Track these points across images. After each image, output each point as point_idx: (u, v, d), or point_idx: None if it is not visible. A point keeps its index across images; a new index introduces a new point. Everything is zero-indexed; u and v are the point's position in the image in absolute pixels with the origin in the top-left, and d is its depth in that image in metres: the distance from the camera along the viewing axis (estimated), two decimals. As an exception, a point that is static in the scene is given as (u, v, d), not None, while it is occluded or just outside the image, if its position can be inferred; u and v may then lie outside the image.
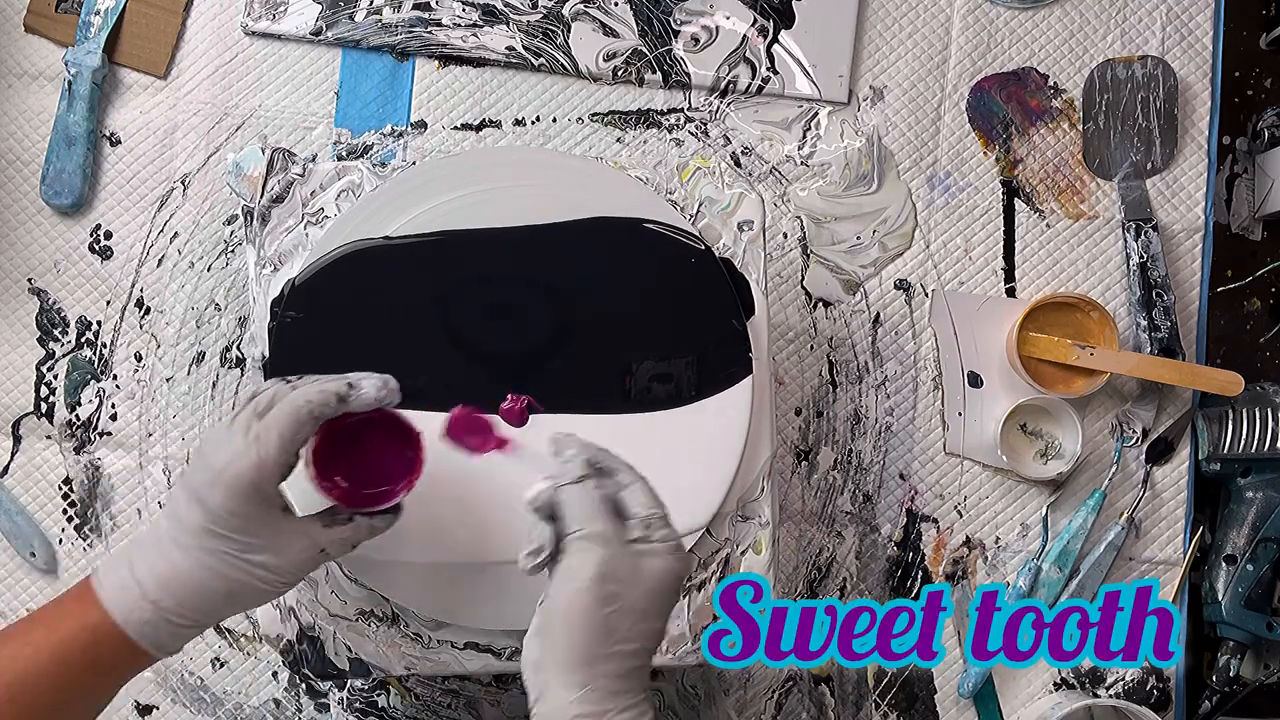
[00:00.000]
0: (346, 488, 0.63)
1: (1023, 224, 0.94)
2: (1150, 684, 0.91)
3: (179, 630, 0.59)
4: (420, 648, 0.76)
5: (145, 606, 0.57)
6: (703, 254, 0.75)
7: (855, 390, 0.93)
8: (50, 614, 0.59)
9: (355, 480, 0.64)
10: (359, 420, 0.62)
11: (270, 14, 0.92)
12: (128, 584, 0.58)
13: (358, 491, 0.63)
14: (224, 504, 0.57)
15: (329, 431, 0.62)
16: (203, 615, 0.59)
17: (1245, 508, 0.91)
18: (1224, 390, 0.89)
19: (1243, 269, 0.96)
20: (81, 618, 0.58)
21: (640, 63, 0.93)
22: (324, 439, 0.62)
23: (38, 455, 0.90)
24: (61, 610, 0.58)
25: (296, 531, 0.60)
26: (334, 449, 0.63)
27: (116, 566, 0.59)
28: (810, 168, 0.94)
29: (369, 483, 0.64)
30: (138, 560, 0.58)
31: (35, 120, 0.92)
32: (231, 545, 0.58)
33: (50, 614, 0.59)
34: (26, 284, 0.91)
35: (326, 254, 0.74)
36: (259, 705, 0.89)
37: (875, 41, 0.95)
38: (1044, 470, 0.91)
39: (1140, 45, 0.96)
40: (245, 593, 0.59)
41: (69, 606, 0.58)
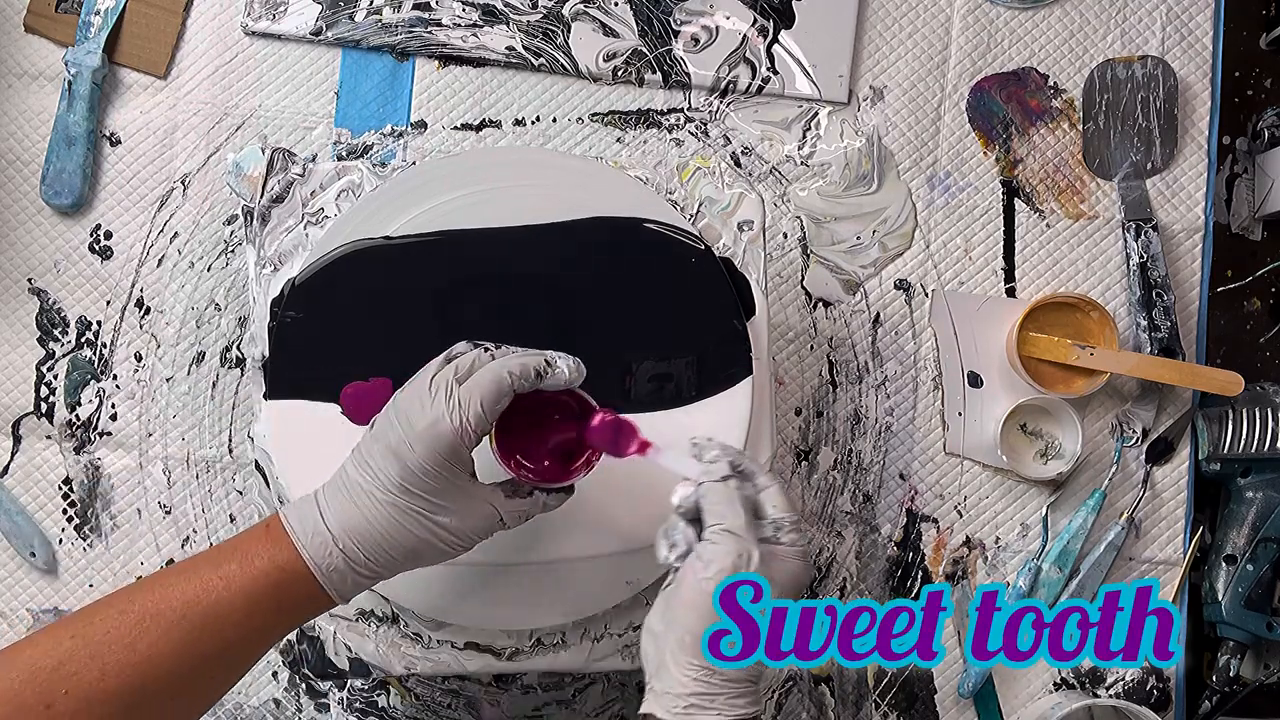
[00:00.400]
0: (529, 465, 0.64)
1: (1023, 224, 0.94)
2: (1150, 684, 0.91)
3: (360, 579, 0.60)
4: (420, 648, 0.76)
5: (336, 553, 0.59)
6: (703, 254, 0.75)
7: (855, 390, 0.93)
8: (242, 548, 0.59)
9: (534, 457, 0.64)
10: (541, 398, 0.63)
11: (270, 14, 0.92)
12: (320, 529, 0.59)
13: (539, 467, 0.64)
14: (422, 463, 0.58)
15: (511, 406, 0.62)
16: (384, 568, 0.60)
17: (1245, 508, 0.91)
18: (1224, 390, 0.89)
19: (1243, 269, 0.96)
20: (274, 556, 0.59)
21: (640, 63, 0.93)
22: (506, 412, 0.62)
23: (38, 455, 0.90)
24: (254, 546, 0.59)
25: (481, 498, 0.61)
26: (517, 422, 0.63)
27: (307, 511, 0.60)
28: (810, 168, 0.94)
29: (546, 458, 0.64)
30: (329, 508, 0.59)
31: (35, 120, 0.92)
32: (422, 504, 0.59)
33: (242, 548, 0.59)
34: (26, 284, 0.91)
35: (326, 254, 0.74)
36: (259, 705, 0.89)
37: (875, 41, 0.95)
38: (1044, 470, 0.91)
39: (1140, 45, 0.96)
40: (427, 551, 0.60)
41: (260, 545, 0.59)
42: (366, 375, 0.72)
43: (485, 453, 0.62)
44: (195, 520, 0.90)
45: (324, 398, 0.72)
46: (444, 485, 0.59)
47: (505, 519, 0.62)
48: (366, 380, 0.72)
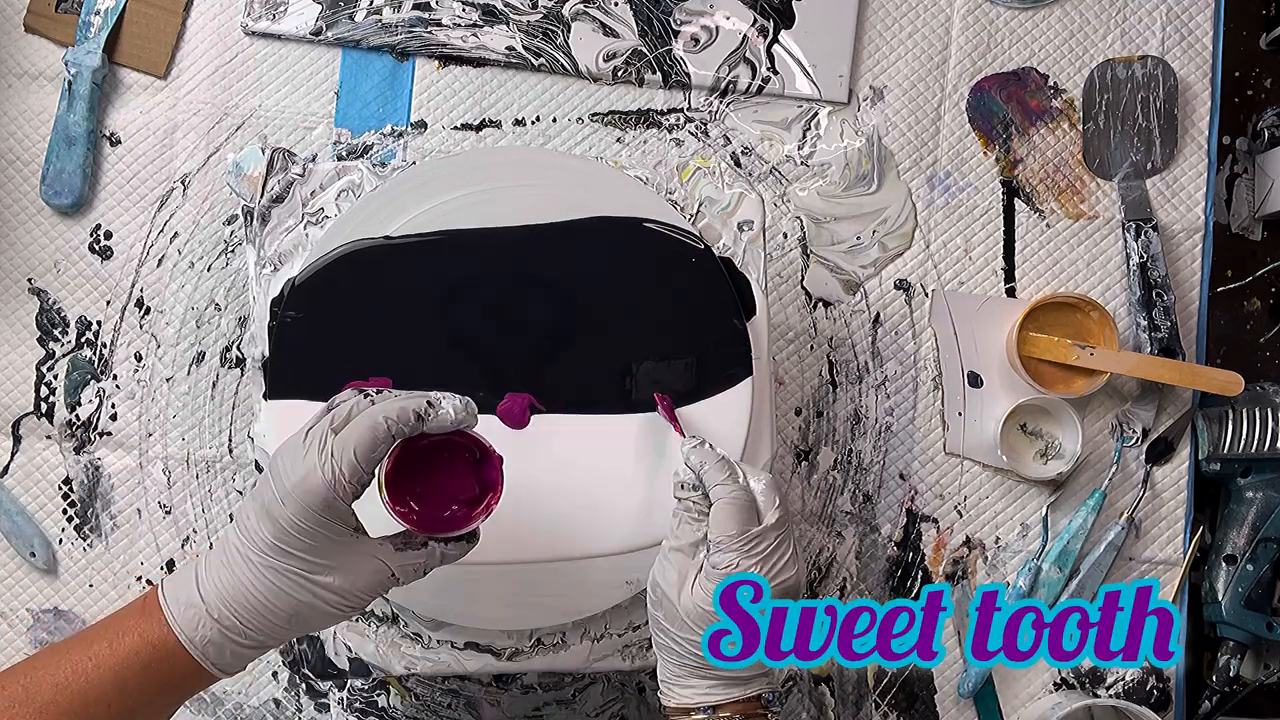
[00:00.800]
0: (420, 511, 0.61)
1: (1023, 224, 0.94)
2: (1150, 684, 0.91)
3: (241, 650, 0.57)
4: (420, 648, 0.76)
5: (209, 624, 0.56)
6: (703, 254, 0.75)
7: (855, 390, 0.93)
8: (113, 626, 0.57)
9: (429, 504, 0.61)
10: (432, 441, 0.60)
11: (270, 14, 0.92)
12: (193, 600, 0.56)
13: (431, 515, 0.61)
14: (295, 521, 0.55)
15: (402, 452, 0.59)
16: (266, 636, 0.57)
17: (1245, 508, 0.91)
18: (1224, 390, 0.89)
19: (1243, 269, 0.96)
20: (144, 632, 0.56)
21: (640, 63, 0.93)
22: (398, 460, 0.60)
23: (38, 455, 0.90)
24: (125, 623, 0.57)
25: (367, 554, 0.58)
26: (408, 470, 0.60)
27: (183, 580, 0.57)
28: (810, 168, 0.94)
29: (443, 506, 0.61)
30: (204, 575, 0.57)
31: (35, 120, 0.92)
32: (300, 564, 0.56)
33: (113, 626, 0.57)
34: (26, 284, 0.91)
35: (326, 254, 0.74)
36: (259, 705, 0.89)
37: (875, 41, 0.95)
38: (1044, 470, 0.91)
39: (1140, 45, 0.96)
40: (310, 614, 0.57)
41: (132, 620, 0.57)
42: (366, 375, 0.72)
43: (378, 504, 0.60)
44: (195, 520, 0.90)
45: (324, 398, 0.72)
46: (322, 543, 0.56)
47: (397, 574, 0.59)
48: (366, 379, 0.72)
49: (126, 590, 0.89)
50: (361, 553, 0.57)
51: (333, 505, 0.55)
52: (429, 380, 0.72)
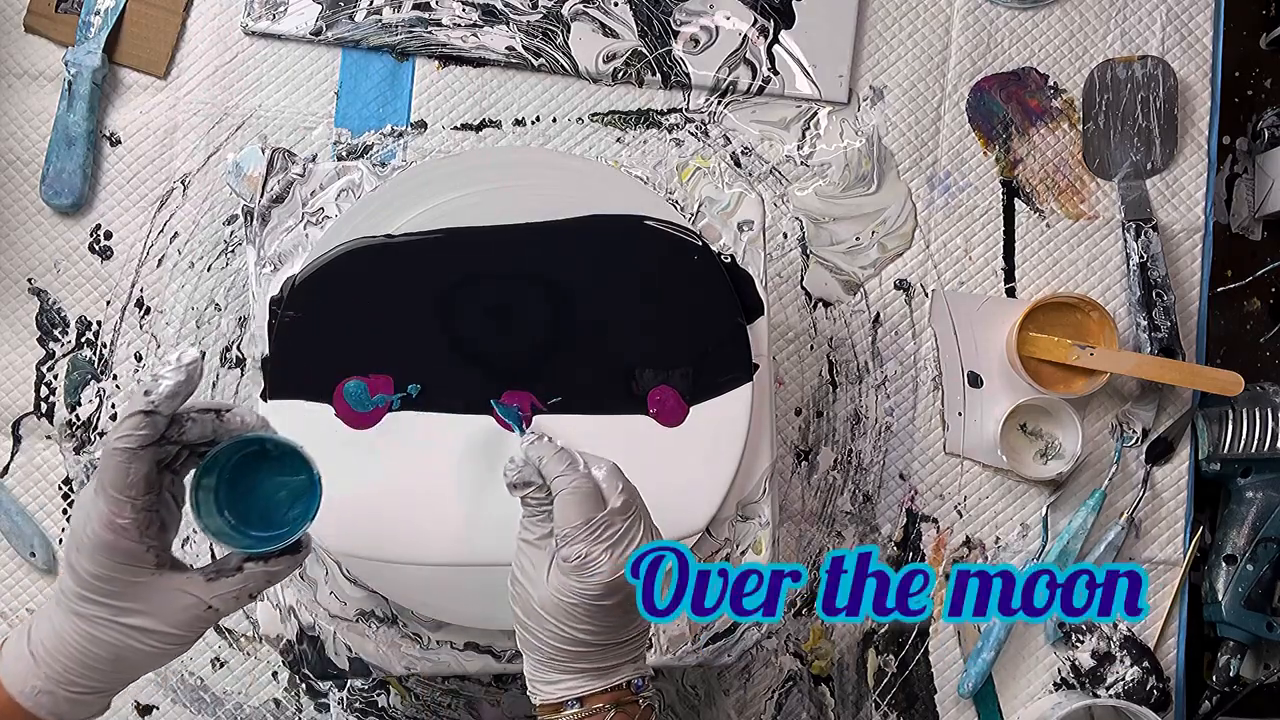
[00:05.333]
0: None
1: (1023, 224, 0.94)
2: (1150, 684, 0.91)
3: (76, 699, 0.55)
4: (420, 648, 0.76)
5: (39, 676, 0.55)
6: (705, 253, 0.75)
7: (855, 390, 0.93)
8: None
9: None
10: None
11: (270, 14, 0.92)
12: (22, 653, 0.55)
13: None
14: (88, 568, 0.53)
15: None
16: (95, 682, 0.56)
17: (1245, 508, 0.91)
18: (1224, 390, 0.89)
19: (1243, 269, 0.96)
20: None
21: (640, 64, 0.93)
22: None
23: (38, 455, 0.90)
24: None
25: (174, 589, 0.55)
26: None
27: (18, 636, 0.56)
28: (810, 168, 0.94)
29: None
30: (35, 629, 0.56)
31: (35, 120, 0.92)
32: (105, 610, 0.54)
33: None
34: (26, 284, 0.91)
35: (326, 253, 0.74)
36: (259, 705, 0.89)
37: (875, 41, 0.95)
38: (1044, 470, 0.91)
39: (1140, 45, 0.96)
40: (132, 656, 0.55)
41: None
42: (366, 374, 0.72)
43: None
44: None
45: (324, 398, 0.73)
46: (120, 586, 0.54)
47: (214, 605, 0.56)
48: (366, 376, 0.72)
49: (126, 590, 0.89)
50: (166, 589, 0.55)
51: (118, 546, 0.53)
52: (429, 380, 0.72)
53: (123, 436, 0.53)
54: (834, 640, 0.91)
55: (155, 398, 0.53)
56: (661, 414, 0.73)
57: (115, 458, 0.53)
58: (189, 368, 0.54)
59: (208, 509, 0.58)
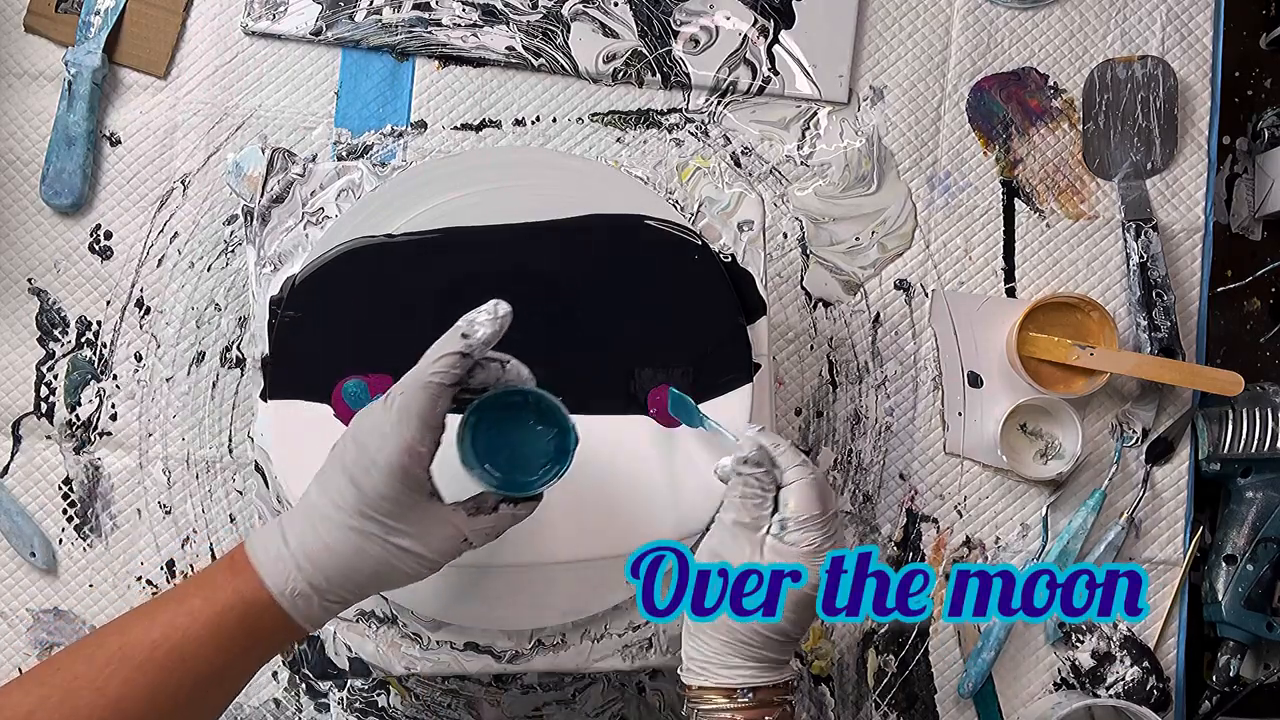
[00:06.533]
0: None
1: (1023, 224, 0.94)
2: (1150, 684, 0.91)
3: (328, 605, 0.59)
4: (420, 648, 0.76)
5: (299, 579, 0.58)
6: (706, 255, 0.75)
7: (855, 390, 0.93)
8: (206, 581, 0.59)
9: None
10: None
11: (270, 14, 0.92)
12: (282, 555, 0.58)
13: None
14: (377, 487, 0.57)
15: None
16: (350, 593, 0.59)
17: (1245, 508, 0.91)
18: (1224, 390, 0.89)
19: (1243, 269, 0.96)
20: (238, 587, 0.58)
21: (640, 64, 0.93)
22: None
23: (38, 455, 0.90)
24: (217, 578, 0.58)
25: (442, 519, 0.59)
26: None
27: (270, 537, 0.59)
28: (810, 168, 0.94)
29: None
30: (290, 533, 0.59)
31: (35, 120, 0.92)
32: (380, 528, 0.58)
33: (206, 581, 0.59)
34: (26, 284, 0.91)
35: (326, 253, 0.74)
36: (259, 705, 0.89)
37: (875, 41, 0.95)
38: (1044, 470, 0.91)
39: (1140, 45, 0.96)
40: (391, 574, 0.59)
41: (224, 576, 0.58)
42: (367, 374, 0.72)
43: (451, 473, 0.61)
44: (195, 520, 0.90)
45: (324, 397, 0.73)
46: (401, 508, 0.58)
47: (471, 538, 0.61)
48: (366, 376, 0.72)
49: (126, 590, 0.89)
50: (437, 518, 0.59)
51: (409, 471, 0.57)
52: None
53: (439, 372, 0.57)
54: (834, 640, 0.91)
55: (473, 341, 0.58)
56: (661, 414, 0.73)
57: (430, 390, 0.57)
58: (503, 319, 0.59)
59: (468, 448, 0.62)
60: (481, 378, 0.60)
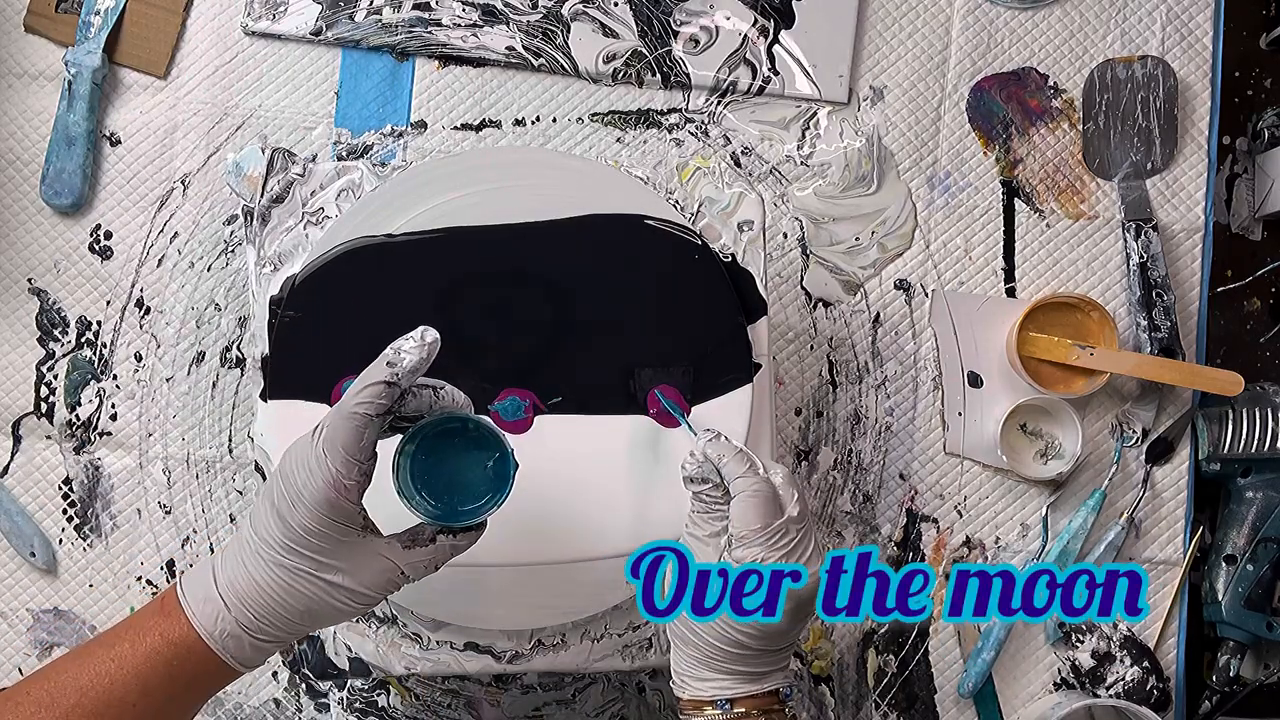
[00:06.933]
0: None
1: (1023, 224, 0.94)
2: (1150, 684, 0.91)
3: (259, 644, 0.58)
4: (420, 648, 0.76)
5: (228, 619, 0.57)
6: (706, 255, 0.75)
7: (855, 390, 0.93)
8: (134, 626, 0.58)
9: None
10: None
11: (270, 14, 0.92)
12: (211, 596, 0.57)
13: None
14: (303, 523, 0.56)
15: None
16: (282, 631, 0.58)
17: (1245, 508, 0.91)
18: (1224, 390, 0.89)
19: (1243, 269, 0.96)
20: (165, 631, 0.57)
21: (640, 64, 0.93)
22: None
23: (38, 455, 0.90)
24: (145, 623, 0.57)
25: (374, 553, 0.58)
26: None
27: (200, 578, 0.58)
28: (810, 168, 0.94)
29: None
30: (220, 573, 0.58)
31: (35, 120, 0.92)
32: (310, 564, 0.57)
33: (134, 626, 0.58)
34: (26, 284, 0.91)
35: (326, 253, 0.74)
36: (259, 705, 0.89)
37: (875, 41, 0.95)
38: (1044, 470, 0.91)
39: (1140, 45, 0.96)
40: (323, 610, 0.58)
41: (152, 620, 0.57)
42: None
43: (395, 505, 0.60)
44: (195, 520, 0.90)
45: (323, 398, 0.73)
46: (331, 543, 0.56)
47: (406, 571, 0.59)
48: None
49: (126, 590, 0.89)
50: (370, 551, 0.58)
51: (336, 505, 0.56)
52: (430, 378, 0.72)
53: (363, 403, 0.55)
54: (834, 640, 0.91)
55: (399, 370, 0.56)
56: (661, 414, 0.73)
57: (354, 421, 0.55)
58: (430, 346, 0.57)
59: (404, 478, 0.61)
60: (414, 405, 0.59)
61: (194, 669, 0.57)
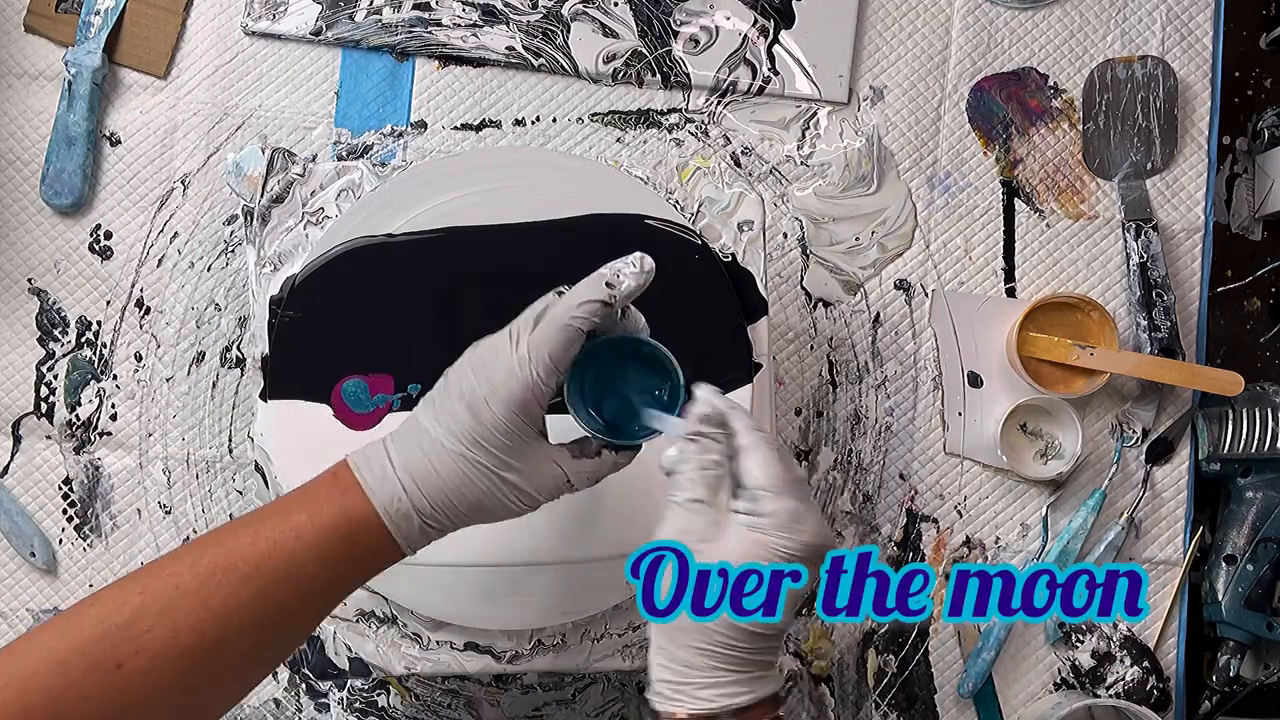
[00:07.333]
0: None
1: (1023, 224, 0.94)
2: (1150, 684, 0.91)
3: (427, 529, 0.58)
4: (420, 648, 0.76)
5: (403, 499, 0.57)
6: (706, 254, 0.75)
7: (855, 390, 0.93)
8: (309, 497, 0.58)
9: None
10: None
11: (270, 14, 0.92)
12: (389, 475, 0.57)
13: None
14: (496, 420, 0.56)
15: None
16: (450, 519, 0.58)
17: (1245, 508, 0.91)
18: (1224, 390, 0.89)
19: (1243, 269, 0.96)
20: (344, 504, 0.57)
21: (640, 64, 0.93)
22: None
23: (38, 455, 0.90)
24: (321, 494, 0.58)
25: (548, 458, 0.59)
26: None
27: (375, 457, 0.58)
28: (810, 168, 0.94)
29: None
30: (396, 455, 0.58)
31: (35, 120, 0.92)
32: (492, 460, 0.57)
33: (309, 497, 0.58)
34: (26, 284, 0.91)
35: (326, 252, 0.74)
36: (259, 705, 0.89)
37: (875, 41, 0.95)
38: (1044, 470, 0.91)
39: (1140, 45, 0.96)
40: (493, 506, 0.59)
41: (329, 492, 0.58)
42: (367, 374, 0.72)
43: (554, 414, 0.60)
44: (195, 520, 0.90)
45: (323, 398, 0.73)
46: (515, 442, 0.57)
47: (572, 480, 0.60)
48: (367, 376, 0.72)
49: (126, 590, 0.89)
50: (544, 456, 0.59)
51: (528, 407, 0.57)
52: (430, 379, 0.72)
53: (579, 317, 0.57)
54: (834, 640, 0.91)
55: (617, 293, 0.58)
56: None
57: (568, 332, 0.57)
58: (648, 273, 0.59)
59: (578, 390, 0.62)
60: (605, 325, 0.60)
61: (367, 544, 0.57)
